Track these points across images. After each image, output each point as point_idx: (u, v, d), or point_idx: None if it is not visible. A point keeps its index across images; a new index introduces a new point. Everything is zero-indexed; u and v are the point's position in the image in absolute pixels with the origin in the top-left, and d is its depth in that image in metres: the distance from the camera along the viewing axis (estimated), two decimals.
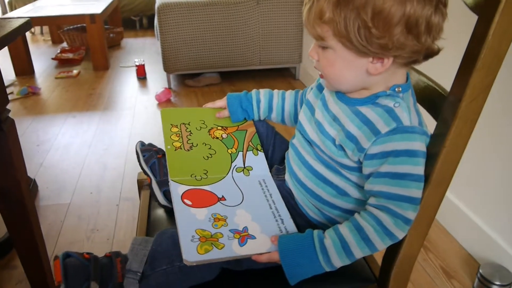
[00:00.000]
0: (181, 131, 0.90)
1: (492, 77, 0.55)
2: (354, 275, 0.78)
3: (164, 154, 0.91)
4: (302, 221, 0.78)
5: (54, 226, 1.63)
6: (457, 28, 0.56)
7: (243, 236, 0.70)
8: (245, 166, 0.87)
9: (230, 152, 0.88)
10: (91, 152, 2.24)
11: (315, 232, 0.68)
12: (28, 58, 3.53)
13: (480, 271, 1.30)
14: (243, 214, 0.75)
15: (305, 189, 0.78)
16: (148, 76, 3.44)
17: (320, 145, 0.74)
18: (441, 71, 0.59)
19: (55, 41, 4.64)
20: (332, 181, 0.74)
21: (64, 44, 4.45)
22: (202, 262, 0.65)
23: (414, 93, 0.70)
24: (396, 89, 0.66)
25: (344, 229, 0.66)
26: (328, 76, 0.69)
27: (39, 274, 1.22)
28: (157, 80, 3.36)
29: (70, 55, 3.92)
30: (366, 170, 0.67)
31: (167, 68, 3.05)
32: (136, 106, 2.85)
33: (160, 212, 0.94)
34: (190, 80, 3.19)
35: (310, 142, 0.77)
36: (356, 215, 0.67)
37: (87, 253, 0.76)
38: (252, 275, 0.76)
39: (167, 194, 0.89)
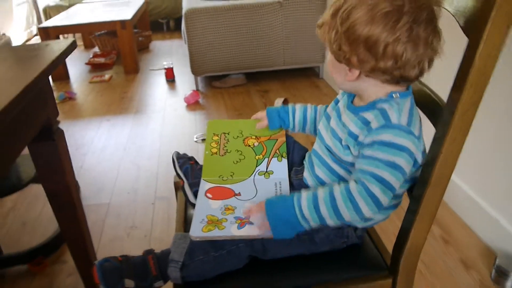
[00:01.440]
0: (220, 139, 1.05)
1: (479, 94, 0.63)
2: (367, 264, 0.87)
3: (195, 161, 1.07)
4: None
5: (96, 224, 1.78)
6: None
7: (243, 222, 0.83)
8: (267, 170, 0.98)
9: (257, 158, 1.01)
10: (125, 154, 2.39)
11: (297, 193, 0.80)
12: (63, 64, 3.72)
13: (497, 262, 1.37)
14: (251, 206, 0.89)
15: (322, 184, 0.89)
16: (176, 78, 3.58)
17: (333, 148, 0.85)
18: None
19: (87, 45, 4.84)
20: (345, 178, 0.84)
21: (96, 49, 4.64)
22: (203, 238, 0.81)
23: (414, 101, 0.79)
24: (394, 95, 0.76)
25: (320, 189, 0.78)
26: (331, 74, 0.83)
27: (88, 268, 1.35)
28: (185, 82, 3.49)
29: (102, 60, 4.10)
30: (351, 154, 0.80)
31: (195, 70, 3.18)
32: (165, 109, 2.99)
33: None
34: (217, 82, 3.31)
35: (327, 147, 0.87)
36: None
37: (121, 256, 0.88)
38: (276, 264, 0.86)
39: (196, 194, 1.01)
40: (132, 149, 2.44)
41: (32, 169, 1.47)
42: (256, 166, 0.99)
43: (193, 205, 1.02)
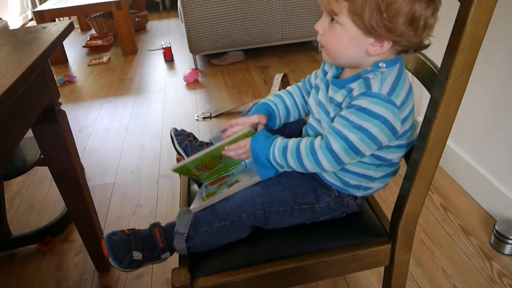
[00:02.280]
0: (197, 168, 0.98)
1: (472, 58, 0.64)
2: (367, 230, 0.90)
3: (194, 137, 1.09)
4: (317, 184, 0.90)
5: (102, 203, 1.81)
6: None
7: (233, 183, 0.91)
8: None
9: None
10: (128, 134, 2.41)
11: (279, 137, 0.86)
12: (61, 48, 3.71)
13: (496, 227, 1.39)
14: (241, 174, 0.94)
15: None
16: (175, 57, 3.57)
17: (321, 121, 0.86)
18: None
19: (84, 28, 4.81)
20: None
21: (93, 31, 4.61)
22: (199, 208, 0.90)
23: (403, 68, 0.79)
24: (380, 64, 0.77)
25: (292, 140, 0.84)
26: (330, 50, 0.79)
27: (96, 245, 1.39)
28: (184, 61, 3.49)
29: (99, 42, 4.08)
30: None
31: (193, 49, 3.17)
32: (166, 89, 2.99)
33: (197, 187, 1.08)
34: (216, 60, 3.30)
35: (316, 119, 0.89)
36: None
37: (128, 230, 0.91)
38: (279, 233, 0.89)
39: None
40: (135, 130, 2.45)
41: (36, 152, 1.50)
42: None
43: (195, 181, 1.05)
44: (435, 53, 0.80)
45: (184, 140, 1.08)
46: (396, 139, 0.80)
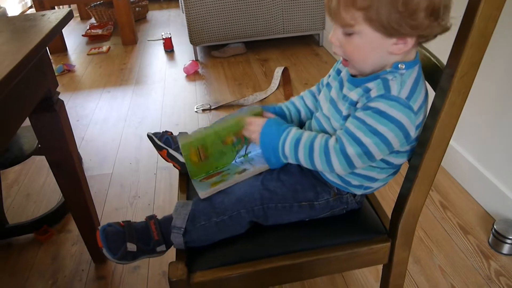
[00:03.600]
0: (198, 150, 0.97)
1: (480, 55, 0.63)
2: (366, 228, 0.89)
3: (172, 133, 1.10)
4: (317, 181, 0.89)
5: (100, 194, 1.80)
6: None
7: (241, 172, 0.91)
8: (246, 152, 1.01)
9: (237, 149, 1.00)
10: (127, 125, 2.39)
11: (293, 127, 0.85)
12: (60, 36, 3.68)
13: (495, 226, 1.39)
14: (244, 165, 0.96)
15: None
16: (175, 48, 3.55)
17: (330, 118, 0.85)
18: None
19: (83, 17, 4.77)
20: None
21: (93, 20, 4.57)
22: (213, 192, 0.89)
23: (421, 71, 0.77)
24: (400, 65, 0.75)
25: (306, 134, 0.82)
26: (353, 60, 0.77)
27: (92, 236, 1.38)
28: (184, 52, 3.46)
29: (99, 31, 4.04)
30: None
31: (193, 40, 3.14)
32: (165, 79, 2.97)
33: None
34: (216, 51, 3.28)
35: (326, 116, 0.87)
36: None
37: (123, 221, 0.90)
38: (278, 229, 0.88)
39: None
40: (134, 120, 2.44)
41: (34, 141, 1.49)
42: (237, 154, 1.00)
43: (184, 166, 1.03)
44: (441, 49, 0.79)
45: (163, 136, 1.08)
46: (408, 144, 0.78)
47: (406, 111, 0.72)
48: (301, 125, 1.01)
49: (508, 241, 1.35)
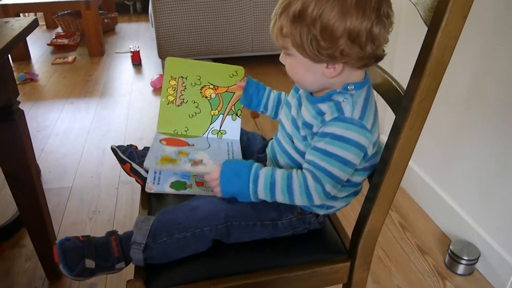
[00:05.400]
0: (177, 85, 1.00)
1: (437, 82, 0.66)
2: (327, 247, 0.90)
3: (136, 147, 1.09)
4: None
5: (58, 208, 1.74)
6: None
7: (197, 163, 0.87)
8: (221, 129, 1.01)
9: (212, 114, 1.00)
10: (90, 137, 2.34)
11: (255, 164, 0.82)
12: (24, 44, 3.58)
13: (451, 247, 1.43)
14: (204, 154, 0.91)
15: None
16: (143, 62, 3.52)
17: (293, 137, 0.86)
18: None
19: (50, 26, 4.68)
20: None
21: (59, 29, 4.49)
22: (157, 169, 0.85)
23: (370, 91, 0.80)
24: (349, 87, 0.78)
25: (279, 173, 0.80)
26: (294, 78, 0.82)
27: (47, 251, 1.33)
28: (152, 66, 3.44)
29: (65, 41, 3.97)
30: (310, 144, 0.81)
31: (162, 54, 3.13)
32: (132, 93, 2.94)
33: (158, 195, 1.05)
34: None
35: (288, 136, 0.89)
36: (293, 169, 0.81)
37: (82, 236, 0.87)
38: (240, 247, 0.87)
39: (147, 171, 1.03)
40: (97, 133, 2.39)
41: None
42: (211, 124, 1.00)
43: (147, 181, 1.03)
44: (402, 74, 0.81)
45: (127, 150, 1.08)
46: (365, 162, 0.81)
47: (362, 131, 0.75)
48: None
49: (463, 261, 1.40)
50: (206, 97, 1.00)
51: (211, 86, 1.01)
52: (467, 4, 0.60)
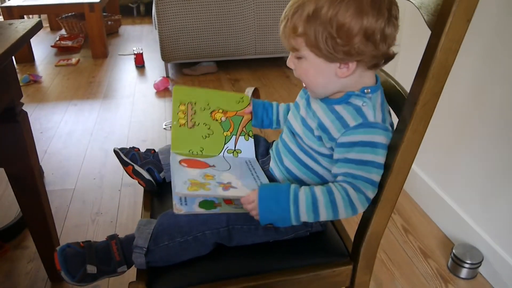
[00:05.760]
0: (187, 110, 1.01)
1: (441, 85, 0.66)
2: (329, 250, 0.90)
3: (139, 149, 1.09)
4: None
5: (60, 209, 1.75)
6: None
7: (227, 185, 0.84)
8: (236, 149, 1.00)
9: (225, 135, 1.01)
10: (93, 139, 2.34)
11: (292, 185, 0.79)
12: (28, 46, 3.59)
13: (454, 251, 1.42)
14: (229, 175, 0.89)
15: (290, 174, 0.90)
16: (146, 64, 3.53)
17: (302, 136, 0.86)
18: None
19: (53, 28, 4.70)
20: (312, 167, 0.86)
21: (63, 31, 4.50)
22: (189, 195, 0.80)
23: (383, 93, 0.81)
24: (366, 90, 0.78)
25: (318, 189, 0.77)
26: (305, 82, 0.81)
27: (50, 253, 1.33)
28: (155, 68, 3.45)
29: (69, 43, 3.99)
30: (336, 156, 0.79)
31: (165, 57, 3.14)
32: (135, 95, 2.95)
33: (160, 198, 1.06)
34: (188, 69, 3.28)
35: (295, 135, 0.89)
36: (330, 183, 0.79)
37: (83, 242, 0.88)
38: (241, 250, 0.87)
39: (149, 171, 1.04)
40: (100, 135, 2.39)
41: None
42: (225, 143, 0.99)
43: (149, 183, 1.04)
44: (405, 78, 0.81)
45: (129, 152, 1.08)
46: None
47: (386, 133, 0.76)
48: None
49: (466, 265, 1.39)
50: (217, 120, 1.02)
51: (220, 111, 1.03)
52: (471, 7, 0.60)
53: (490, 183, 1.38)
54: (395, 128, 0.75)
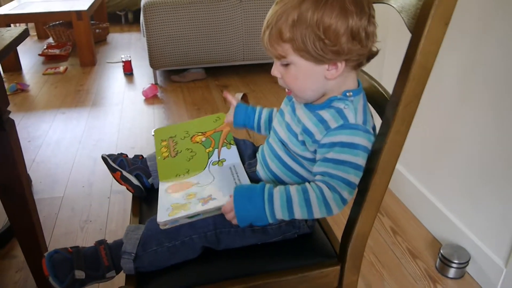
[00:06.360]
0: (169, 144, 1.07)
1: (421, 87, 0.67)
2: (317, 252, 0.90)
3: (127, 155, 1.11)
4: None
5: (49, 218, 1.74)
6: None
7: (207, 199, 0.86)
8: (220, 159, 1.01)
9: (208, 151, 1.03)
10: (81, 147, 2.33)
11: (267, 185, 0.80)
12: (15, 54, 3.58)
13: (441, 251, 1.44)
14: (211, 188, 0.91)
15: (275, 177, 0.91)
16: (134, 71, 3.53)
17: (287, 142, 0.87)
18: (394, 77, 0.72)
19: (41, 36, 4.68)
20: (297, 171, 0.87)
21: (50, 40, 4.49)
22: (170, 221, 0.82)
23: (365, 97, 0.83)
24: (347, 93, 0.79)
25: (293, 188, 0.79)
26: (293, 89, 0.81)
27: (39, 262, 1.32)
28: (144, 75, 3.45)
29: (56, 51, 3.97)
30: (317, 157, 0.81)
31: (153, 64, 3.14)
32: (123, 102, 2.94)
33: (149, 204, 1.06)
34: (176, 76, 3.29)
35: (280, 141, 0.90)
36: (306, 183, 0.80)
37: (71, 247, 0.88)
38: (230, 253, 0.88)
39: (138, 177, 1.05)
40: (88, 143, 2.39)
41: None
42: (209, 158, 1.01)
43: (138, 189, 1.05)
44: (392, 81, 0.83)
45: (117, 158, 1.09)
46: None
47: (367, 135, 0.77)
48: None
49: (454, 265, 1.41)
50: (198, 142, 1.05)
51: (199, 134, 1.08)
52: (449, 11, 0.62)
53: (475, 184, 1.40)
54: (378, 130, 0.77)
